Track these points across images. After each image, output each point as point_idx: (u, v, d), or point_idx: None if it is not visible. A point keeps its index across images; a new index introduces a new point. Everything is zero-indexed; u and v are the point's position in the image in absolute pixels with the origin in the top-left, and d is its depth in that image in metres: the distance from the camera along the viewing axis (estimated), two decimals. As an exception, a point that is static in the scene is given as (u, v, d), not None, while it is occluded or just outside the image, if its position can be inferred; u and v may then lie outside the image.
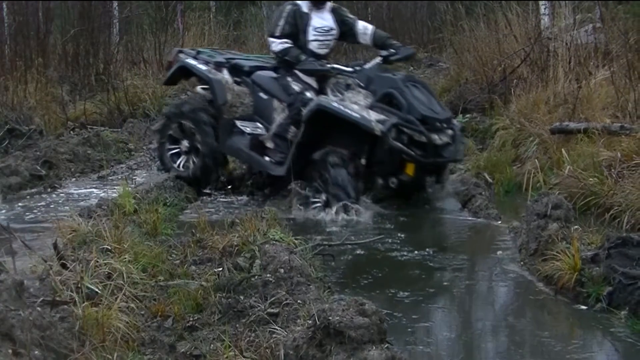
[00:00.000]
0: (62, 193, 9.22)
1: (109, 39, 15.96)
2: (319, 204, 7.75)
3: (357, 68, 8.10)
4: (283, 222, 6.80)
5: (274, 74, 8.57)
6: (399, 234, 6.99)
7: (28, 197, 8.98)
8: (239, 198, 8.41)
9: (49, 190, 9.37)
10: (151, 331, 4.32)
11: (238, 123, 8.48)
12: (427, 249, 6.52)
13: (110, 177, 10.12)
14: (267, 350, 3.79)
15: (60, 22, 16.08)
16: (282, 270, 4.89)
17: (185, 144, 8.76)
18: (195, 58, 8.99)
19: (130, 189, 7.54)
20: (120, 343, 3.92)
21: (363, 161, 7.80)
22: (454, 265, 6.13)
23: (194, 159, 8.70)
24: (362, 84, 7.89)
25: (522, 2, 12.70)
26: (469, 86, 12.61)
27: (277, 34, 8.26)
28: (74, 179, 10.08)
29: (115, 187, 8.11)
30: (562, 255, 5.35)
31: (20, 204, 8.58)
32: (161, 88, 14.78)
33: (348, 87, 7.96)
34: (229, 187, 8.25)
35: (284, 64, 8.34)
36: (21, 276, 3.80)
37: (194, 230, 6.17)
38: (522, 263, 5.91)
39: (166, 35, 17.50)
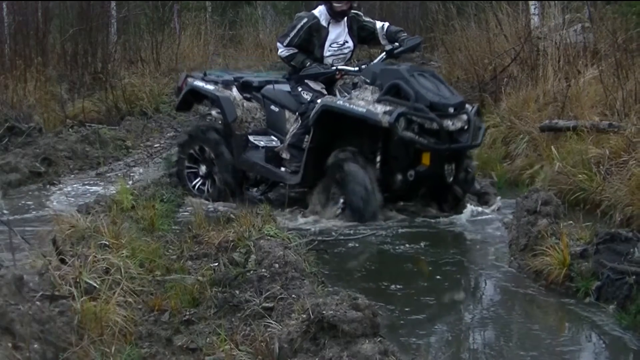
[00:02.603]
0: (60, 189, 9.26)
1: (107, 39, 15.95)
2: (340, 209, 7.55)
3: (363, 66, 7.96)
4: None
5: (283, 88, 8.42)
6: (393, 230, 7.06)
7: (27, 193, 9.02)
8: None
9: (48, 186, 9.41)
10: (148, 325, 4.34)
11: (251, 138, 8.32)
12: (421, 244, 6.60)
13: (108, 174, 10.14)
14: (262, 343, 3.80)
15: (59, 21, 16.07)
16: (276, 265, 4.90)
17: (203, 168, 8.53)
18: (202, 79, 8.81)
19: (127, 185, 7.58)
20: (118, 337, 3.93)
21: (378, 158, 7.57)
22: (446, 260, 6.19)
23: (210, 186, 8.46)
24: (368, 81, 7.67)
25: (512, 2, 12.74)
26: (460, 85, 12.53)
27: (285, 43, 8.09)
28: (72, 175, 10.12)
29: (113, 184, 8.16)
30: (552, 251, 5.42)
31: (19, 200, 8.63)
32: (158, 86, 14.85)
33: (355, 85, 7.80)
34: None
35: (294, 73, 8.19)
36: (21, 271, 3.80)
37: (190, 226, 6.20)
38: (512, 258, 5.96)
39: (163, 35, 17.51)
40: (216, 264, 5.26)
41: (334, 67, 7.98)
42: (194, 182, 8.58)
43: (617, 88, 9.13)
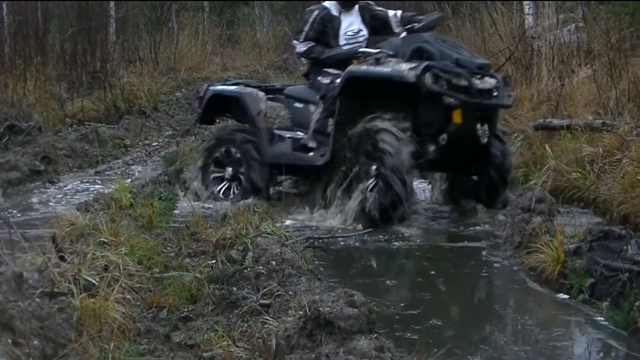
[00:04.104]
0: (60, 188, 9.29)
1: (105, 38, 16.02)
2: (372, 182, 7.19)
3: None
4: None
5: (303, 87, 8.38)
6: (387, 227, 7.08)
7: (27, 191, 9.05)
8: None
9: (47, 184, 9.46)
10: (147, 321, 4.35)
11: (277, 132, 8.22)
12: (417, 241, 6.63)
13: (107, 172, 10.20)
14: (259, 340, 3.80)
15: (59, 21, 16.12)
16: (273, 263, 4.91)
17: (229, 170, 8.37)
18: (223, 84, 8.80)
19: (126, 183, 7.61)
20: (117, 333, 3.94)
21: (409, 125, 7.26)
22: (441, 257, 6.24)
23: (236, 189, 8.31)
24: (391, 53, 7.48)
25: (506, 2, 12.79)
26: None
27: (301, 39, 8.05)
28: (71, 174, 10.17)
29: (112, 182, 8.19)
30: (546, 248, 5.45)
31: (19, 198, 8.66)
32: (156, 85, 14.92)
33: (378, 61, 7.50)
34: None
35: (312, 66, 8.15)
36: (20, 268, 3.79)
37: (188, 224, 6.22)
38: (507, 255, 6.01)
39: (161, 35, 17.59)
40: (214, 261, 5.28)
41: (353, 49, 7.84)
42: (219, 187, 8.39)
43: (611, 87, 9.19)
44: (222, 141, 8.46)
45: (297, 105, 8.26)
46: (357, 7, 8.19)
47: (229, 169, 8.37)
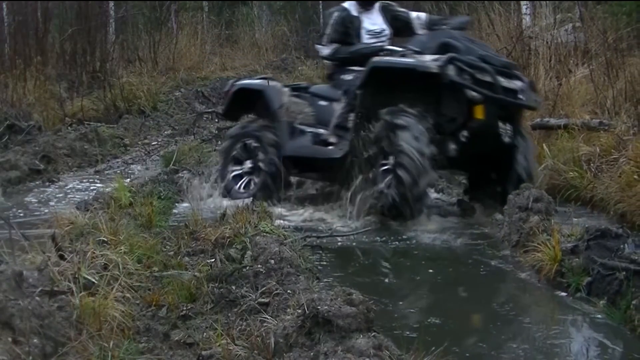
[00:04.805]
0: (59, 187, 9.31)
1: (105, 38, 16.04)
2: (386, 167, 7.18)
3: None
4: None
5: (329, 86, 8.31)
6: (386, 226, 7.12)
7: (27, 190, 9.07)
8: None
9: (47, 184, 9.49)
10: (146, 320, 4.35)
11: (298, 126, 8.22)
12: (414, 239, 6.65)
13: (107, 171, 10.22)
14: (258, 338, 3.80)
15: (58, 21, 16.12)
16: (272, 261, 4.91)
17: (248, 164, 8.39)
18: (249, 78, 8.82)
19: (125, 182, 7.62)
20: (116, 331, 3.94)
21: (431, 121, 7.15)
22: (439, 255, 6.26)
23: (255, 180, 8.32)
24: (417, 49, 7.43)
25: (504, 2, 12.82)
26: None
27: (324, 42, 8.02)
28: (71, 173, 10.20)
29: (112, 181, 8.20)
30: (543, 247, 5.48)
31: (19, 197, 8.67)
32: (156, 85, 14.93)
33: (404, 56, 7.43)
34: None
35: (336, 67, 8.10)
36: (20, 267, 3.79)
37: (187, 223, 6.22)
38: (504, 254, 6.04)
39: (160, 35, 17.59)
40: (213, 260, 5.26)
41: (381, 47, 7.78)
42: (238, 184, 8.40)
43: (608, 87, 9.22)
44: (239, 137, 8.48)
45: (321, 103, 8.24)
46: (378, 6, 8.17)
47: (247, 163, 8.40)
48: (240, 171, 8.45)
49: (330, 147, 7.84)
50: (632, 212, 6.73)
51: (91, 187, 9.09)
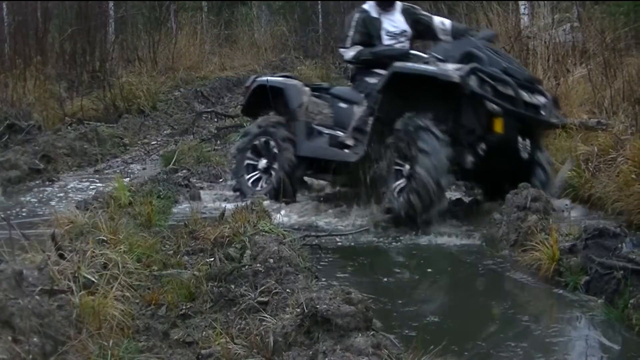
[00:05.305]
0: (59, 186, 9.32)
1: (105, 38, 16.06)
2: (400, 170, 7.11)
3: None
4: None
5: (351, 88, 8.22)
6: (384, 225, 7.13)
7: (27, 190, 9.08)
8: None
9: (47, 183, 9.49)
10: (145, 319, 4.36)
11: (316, 127, 8.15)
12: (414, 239, 6.66)
13: (106, 171, 10.23)
14: (257, 337, 3.81)
15: (58, 21, 16.14)
16: (271, 260, 4.91)
17: (263, 162, 8.34)
18: (270, 76, 8.73)
19: (125, 182, 7.62)
20: (116, 330, 3.95)
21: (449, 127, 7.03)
22: (437, 254, 6.28)
23: (265, 182, 8.27)
24: (440, 57, 7.33)
25: (502, 2, 12.84)
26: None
27: (347, 44, 7.90)
28: (71, 172, 10.21)
29: (111, 181, 8.21)
30: (541, 246, 5.49)
31: (19, 196, 8.68)
32: (155, 85, 14.93)
33: (426, 64, 7.31)
34: (220, 180, 8.25)
35: (360, 68, 7.99)
36: (20, 266, 3.79)
37: (186, 222, 6.23)
38: (503, 253, 6.06)
39: (160, 34, 17.62)
40: (212, 259, 5.26)
41: (406, 51, 7.70)
42: (250, 175, 8.37)
43: (606, 86, 9.24)
44: (264, 133, 8.38)
45: (342, 105, 8.15)
46: (399, 8, 8.09)
47: (263, 161, 8.34)
48: (255, 163, 8.41)
49: (347, 150, 7.76)
50: (630, 211, 6.74)
51: (91, 187, 9.09)
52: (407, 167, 7.05)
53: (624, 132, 7.88)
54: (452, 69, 6.92)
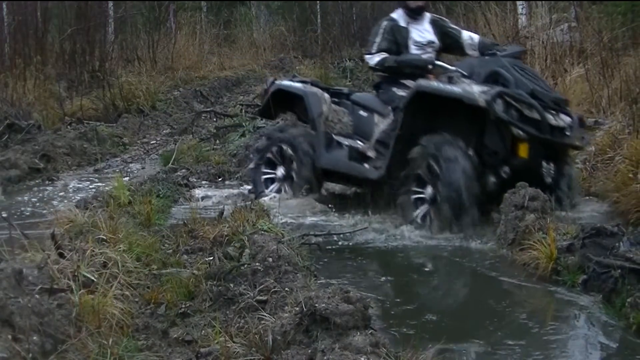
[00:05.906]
0: (59, 185, 9.33)
1: (104, 38, 16.05)
2: (421, 196, 6.98)
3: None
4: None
5: (371, 95, 8.09)
6: (383, 225, 7.11)
7: (27, 189, 9.09)
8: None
9: (47, 182, 9.49)
10: (145, 317, 4.39)
11: (336, 137, 7.93)
12: (412, 238, 6.67)
13: (106, 170, 10.23)
14: (256, 335, 3.82)
15: (58, 21, 16.11)
16: (270, 259, 4.92)
17: (281, 170, 8.17)
18: (290, 80, 8.56)
19: (124, 181, 7.63)
20: (115, 329, 3.97)
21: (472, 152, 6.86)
22: (435, 253, 6.29)
23: (287, 188, 8.08)
24: (465, 73, 7.08)
25: (500, 2, 12.86)
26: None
27: (373, 50, 7.71)
28: (71, 171, 10.20)
29: (111, 180, 8.22)
30: (539, 245, 5.52)
31: (19, 196, 8.69)
32: (154, 84, 14.93)
33: (450, 80, 7.05)
34: (219, 179, 8.25)
35: (386, 77, 7.80)
36: (20, 265, 3.82)
37: (185, 221, 6.24)
38: (500, 252, 6.07)
39: (159, 34, 17.64)
40: (211, 258, 5.29)
41: (431, 60, 7.54)
42: (270, 188, 8.20)
43: (603, 86, 9.27)
44: (275, 140, 8.24)
45: (362, 113, 7.95)
46: (428, 19, 7.93)
47: (281, 169, 8.19)
48: (273, 176, 8.25)
49: (367, 166, 7.60)
50: (628, 210, 6.75)
51: (90, 186, 9.09)
52: (429, 189, 6.93)
53: (621, 132, 7.89)
54: (477, 91, 6.74)
